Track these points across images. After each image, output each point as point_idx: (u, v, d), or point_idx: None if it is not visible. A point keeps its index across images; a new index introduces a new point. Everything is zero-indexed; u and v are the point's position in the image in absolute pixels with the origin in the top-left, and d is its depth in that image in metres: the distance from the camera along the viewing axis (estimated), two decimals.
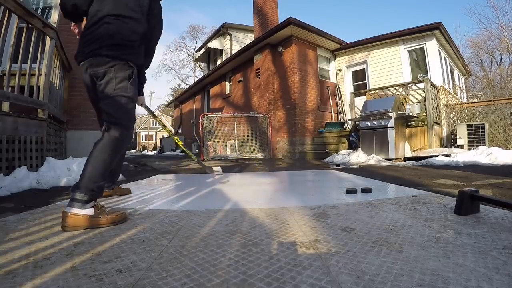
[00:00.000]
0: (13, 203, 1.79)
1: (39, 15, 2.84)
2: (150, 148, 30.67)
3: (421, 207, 1.38)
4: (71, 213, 1.13)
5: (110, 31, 1.30)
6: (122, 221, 1.23)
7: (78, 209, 1.15)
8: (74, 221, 1.12)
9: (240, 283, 0.65)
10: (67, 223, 1.12)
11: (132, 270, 0.73)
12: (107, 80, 1.30)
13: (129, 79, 1.35)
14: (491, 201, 1.20)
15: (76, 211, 1.14)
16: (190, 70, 34.75)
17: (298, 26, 7.04)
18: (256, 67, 8.39)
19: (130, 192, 1.99)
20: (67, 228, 1.11)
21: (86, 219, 1.14)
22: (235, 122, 8.48)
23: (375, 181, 2.46)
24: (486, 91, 14.79)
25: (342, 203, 1.53)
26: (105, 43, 1.29)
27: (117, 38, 1.31)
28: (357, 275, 0.67)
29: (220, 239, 0.98)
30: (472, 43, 19.09)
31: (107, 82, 1.30)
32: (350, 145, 6.63)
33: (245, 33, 11.99)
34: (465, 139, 5.80)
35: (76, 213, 1.14)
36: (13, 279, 0.68)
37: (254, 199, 1.74)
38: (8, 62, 2.53)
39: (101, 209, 1.21)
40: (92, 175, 1.23)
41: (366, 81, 8.24)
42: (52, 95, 3.41)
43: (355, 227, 1.08)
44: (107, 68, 1.29)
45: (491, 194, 1.89)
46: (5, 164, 2.44)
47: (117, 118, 1.32)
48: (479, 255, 0.77)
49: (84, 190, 1.18)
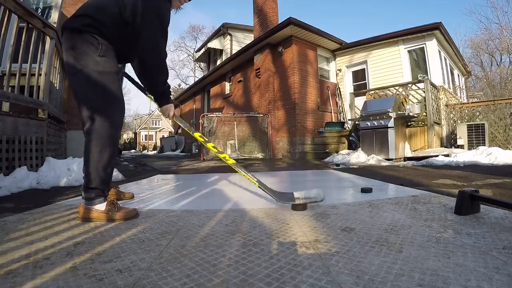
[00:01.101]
0: (13, 203, 1.79)
1: (39, 15, 2.85)
2: (150, 148, 30.65)
3: (421, 207, 1.38)
4: (85, 207, 1.23)
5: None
6: (133, 217, 1.27)
7: (91, 205, 1.23)
8: (88, 214, 1.22)
9: (240, 283, 0.65)
10: (82, 214, 1.22)
11: (132, 270, 0.73)
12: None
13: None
14: (491, 201, 1.20)
15: (90, 206, 1.23)
16: (190, 70, 34.89)
17: (298, 26, 7.04)
18: (256, 67, 8.39)
19: (133, 197, 1.78)
20: (81, 220, 1.22)
21: (98, 214, 1.22)
22: (235, 122, 8.49)
23: (375, 181, 2.46)
24: (486, 91, 14.79)
25: (342, 203, 1.53)
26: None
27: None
28: (357, 275, 0.67)
29: (220, 239, 0.98)
30: (472, 43, 19.11)
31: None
32: (350, 145, 6.63)
33: (245, 33, 11.99)
34: (465, 139, 5.80)
35: (89, 208, 1.23)
36: (13, 279, 0.68)
37: (254, 199, 1.74)
38: (8, 62, 2.53)
39: (113, 204, 1.25)
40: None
41: (366, 81, 8.25)
42: (52, 95, 3.41)
43: (355, 227, 1.08)
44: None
45: (491, 194, 1.89)
46: (5, 164, 2.44)
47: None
48: (479, 255, 0.77)
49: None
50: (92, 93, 1.23)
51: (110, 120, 1.26)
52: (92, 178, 1.23)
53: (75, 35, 1.22)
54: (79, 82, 1.24)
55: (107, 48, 1.26)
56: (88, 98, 1.24)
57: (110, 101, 1.27)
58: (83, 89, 1.24)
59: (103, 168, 1.25)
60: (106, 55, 1.25)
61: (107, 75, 1.25)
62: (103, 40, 1.24)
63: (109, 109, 1.26)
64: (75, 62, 1.21)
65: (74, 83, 1.26)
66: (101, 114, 1.23)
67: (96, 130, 1.23)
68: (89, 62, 1.21)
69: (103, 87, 1.24)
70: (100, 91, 1.24)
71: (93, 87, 1.23)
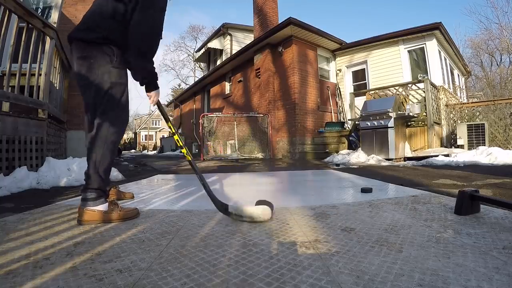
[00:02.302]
0: (13, 203, 1.79)
1: (39, 15, 2.85)
2: (150, 148, 30.66)
3: (421, 207, 1.38)
4: (86, 209, 1.22)
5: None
6: (135, 217, 1.29)
7: (93, 206, 1.22)
8: (89, 216, 1.20)
9: (240, 283, 0.65)
10: (83, 218, 1.20)
11: (132, 270, 0.73)
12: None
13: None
14: (491, 201, 1.20)
15: (92, 207, 1.22)
16: (190, 70, 34.83)
17: (298, 26, 7.04)
18: (256, 67, 8.39)
19: (133, 197, 1.80)
20: (83, 223, 1.20)
21: (101, 214, 1.21)
22: (235, 122, 8.48)
23: (375, 181, 2.46)
24: (486, 91, 14.79)
25: (342, 203, 1.53)
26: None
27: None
28: (357, 275, 0.67)
29: (220, 239, 0.98)
30: (472, 43, 19.10)
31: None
32: (350, 145, 6.63)
33: (245, 33, 11.99)
34: (465, 139, 5.80)
35: (91, 209, 1.22)
36: (13, 279, 0.68)
37: (254, 199, 1.73)
38: (8, 62, 2.53)
39: (115, 204, 1.27)
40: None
41: (366, 81, 8.24)
42: (52, 95, 3.41)
43: (355, 227, 1.08)
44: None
45: (491, 194, 1.89)
46: (5, 164, 2.44)
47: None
48: (479, 255, 0.77)
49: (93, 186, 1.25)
50: (102, 103, 1.25)
51: (115, 129, 1.29)
52: (94, 180, 1.25)
53: (88, 46, 1.22)
54: (91, 92, 1.25)
55: (120, 59, 1.27)
56: (98, 107, 1.26)
57: (118, 111, 1.30)
58: (94, 98, 1.26)
59: (104, 171, 1.28)
60: (119, 67, 1.27)
61: (119, 86, 1.28)
62: (117, 50, 1.25)
63: (116, 119, 1.30)
64: (88, 73, 1.22)
65: (86, 93, 1.27)
66: (108, 123, 1.26)
67: (103, 137, 1.25)
68: (103, 73, 1.23)
69: (113, 97, 1.26)
70: (110, 102, 1.26)
71: (104, 97, 1.25)
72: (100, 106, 1.26)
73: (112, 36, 1.23)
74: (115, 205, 1.27)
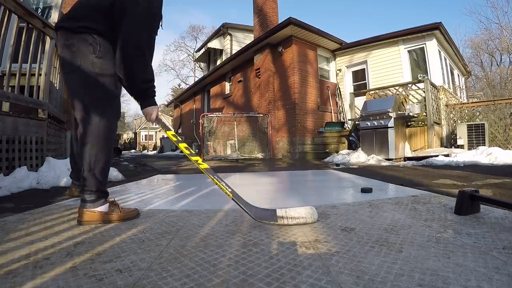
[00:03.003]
0: (13, 203, 1.79)
1: (39, 15, 2.85)
2: (150, 148, 30.65)
3: (421, 207, 1.38)
4: (86, 210, 1.21)
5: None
6: (135, 218, 1.29)
7: (93, 207, 1.22)
8: (89, 217, 1.20)
9: (240, 283, 0.65)
10: (83, 218, 1.20)
11: (132, 270, 0.73)
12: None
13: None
14: (491, 201, 1.20)
15: (92, 209, 1.21)
16: (190, 70, 34.84)
17: (298, 26, 7.04)
18: (256, 67, 8.39)
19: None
20: (83, 223, 1.19)
21: (101, 215, 1.21)
22: (235, 122, 8.48)
23: (375, 181, 2.46)
24: (486, 91, 14.80)
25: (342, 203, 1.53)
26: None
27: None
28: (357, 275, 0.67)
29: (220, 239, 0.98)
30: (472, 43, 19.11)
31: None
32: (350, 145, 6.63)
33: (245, 33, 11.99)
34: (465, 139, 5.80)
35: (91, 210, 1.21)
36: (13, 279, 0.68)
37: (255, 199, 1.73)
38: (8, 62, 2.53)
39: (115, 205, 1.26)
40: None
41: (366, 81, 8.25)
42: (52, 95, 3.41)
43: (355, 227, 1.08)
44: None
45: (491, 194, 1.89)
46: (5, 164, 2.44)
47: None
48: (479, 255, 0.77)
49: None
50: (87, 95, 1.21)
51: (106, 123, 1.23)
52: (91, 182, 1.21)
53: (72, 34, 1.19)
54: (74, 82, 1.22)
55: (105, 50, 1.22)
56: (82, 99, 1.21)
57: (105, 104, 1.24)
58: (78, 90, 1.22)
59: (101, 171, 1.23)
60: (103, 57, 1.22)
61: (104, 78, 1.22)
62: (102, 40, 1.21)
63: (105, 112, 1.23)
64: (72, 60, 1.18)
65: (69, 82, 1.25)
66: (97, 117, 1.20)
67: (93, 133, 1.19)
68: (86, 62, 1.18)
69: (98, 89, 1.21)
70: (95, 94, 1.21)
71: (88, 89, 1.20)
72: (85, 99, 1.20)
73: (95, 26, 1.19)
74: (116, 206, 1.26)
